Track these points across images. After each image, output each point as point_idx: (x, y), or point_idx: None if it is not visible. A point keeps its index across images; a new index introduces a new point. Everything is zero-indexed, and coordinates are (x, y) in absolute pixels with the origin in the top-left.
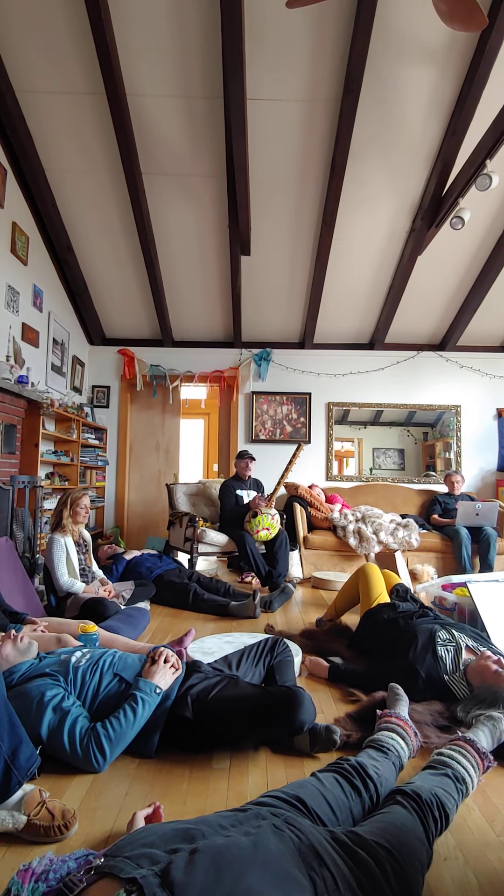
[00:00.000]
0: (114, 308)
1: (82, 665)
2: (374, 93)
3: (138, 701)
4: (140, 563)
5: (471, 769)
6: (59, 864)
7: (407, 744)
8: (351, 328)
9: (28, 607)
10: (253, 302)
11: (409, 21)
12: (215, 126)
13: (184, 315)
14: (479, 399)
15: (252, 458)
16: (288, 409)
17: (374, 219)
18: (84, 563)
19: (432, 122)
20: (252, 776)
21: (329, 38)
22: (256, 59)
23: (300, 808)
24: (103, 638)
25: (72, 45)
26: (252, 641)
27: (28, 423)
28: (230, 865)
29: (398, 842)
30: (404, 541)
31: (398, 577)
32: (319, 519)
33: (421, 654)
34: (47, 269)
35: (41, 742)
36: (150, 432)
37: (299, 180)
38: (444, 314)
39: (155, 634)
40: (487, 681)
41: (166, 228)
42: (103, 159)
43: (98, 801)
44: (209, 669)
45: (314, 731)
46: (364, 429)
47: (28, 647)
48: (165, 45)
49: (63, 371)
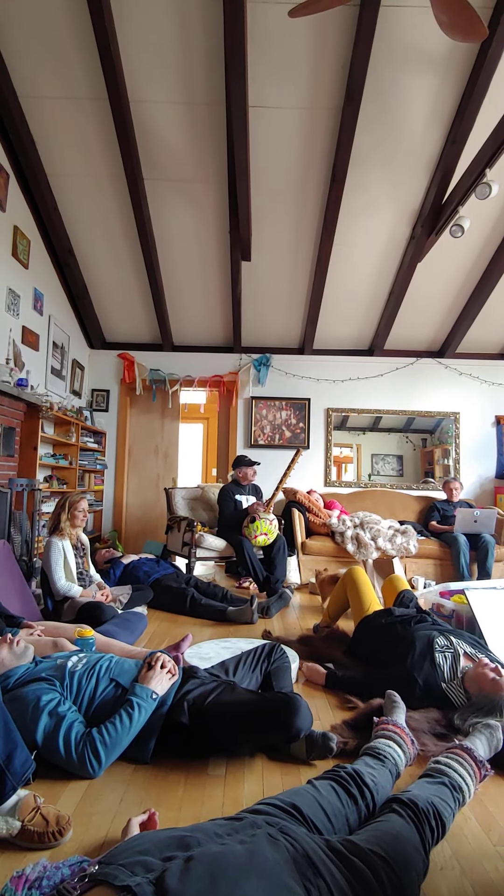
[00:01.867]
0: (114, 312)
1: (78, 670)
2: (376, 101)
3: (134, 706)
4: (138, 567)
5: (468, 778)
6: (53, 871)
7: (404, 752)
8: (350, 334)
9: (25, 611)
10: (253, 307)
11: (411, 31)
12: (217, 132)
13: (184, 319)
14: (477, 406)
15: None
16: (287, 415)
17: (374, 226)
18: (82, 567)
19: (433, 130)
20: (248, 783)
21: (331, 47)
22: (259, 66)
23: (296, 815)
24: (100, 642)
25: (75, 51)
26: (249, 647)
27: (27, 426)
28: (225, 874)
29: (394, 851)
30: (402, 547)
31: (405, 583)
32: (318, 525)
33: (419, 661)
34: (48, 273)
35: (36, 747)
36: (149, 436)
37: (300, 187)
38: (444, 321)
39: (152, 639)
40: (485, 689)
41: (167, 233)
42: (105, 164)
43: (93, 806)
44: (206, 675)
45: (311, 738)
46: (363, 435)
47: (24, 651)
48: (168, 51)
49: (63, 374)
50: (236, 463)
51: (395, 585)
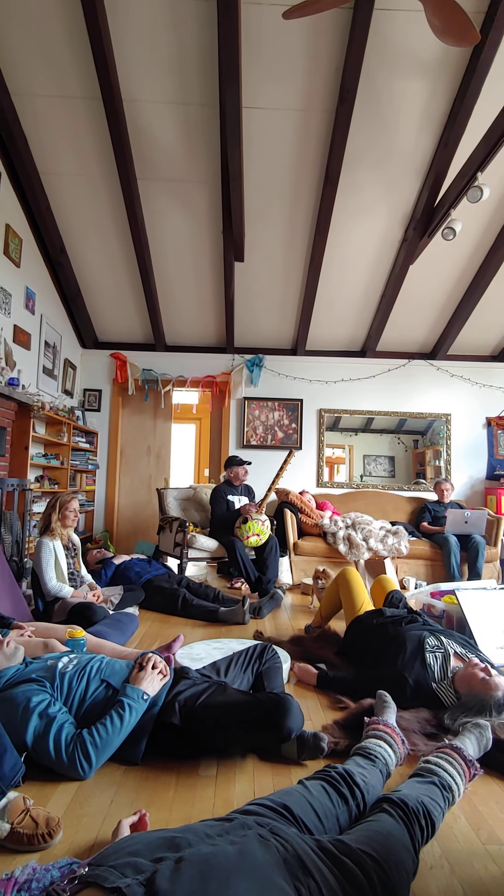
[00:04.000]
0: (107, 311)
1: (69, 671)
2: (369, 104)
3: (125, 707)
4: (129, 567)
5: (457, 777)
6: (43, 874)
7: (394, 751)
8: (343, 336)
9: (15, 612)
10: (246, 308)
11: (404, 35)
12: (211, 133)
13: (177, 320)
14: (469, 408)
15: (244, 464)
16: (279, 416)
17: (367, 228)
18: (72, 568)
19: (425, 133)
20: (239, 783)
21: (324, 49)
22: (253, 68)
23: (287, 816)
24: (91, 643)
25: (68, 50)
26: (241, 647)
27: (18, 425)
28: (216, 874)
29: (384, 850)
30: (394, 548)
31: (394, 584)
32: (310, 525)
33: (409, 662)
34: (40, 272)
35: (26, 749)
36: (141, 436)
37: (293, 188)
38: (436, 323)
39: (143, 640)
40: (475, 689)
41: (160, 233)
42: (98, 163)
43: (83, 808)
44: (197, 676)
45: (302, 739)
46: (355, 436)
47: (14, 652)
48: (162, 51)
49: (55, 374)
50: (227, 463)
51: (384, 586)
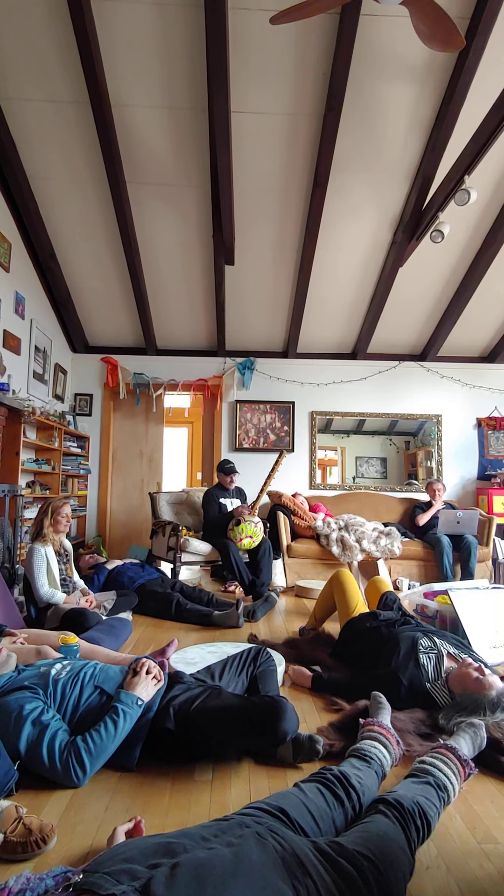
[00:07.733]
0: (97, 316)
1: (62, 677)
2: (357, 108)
3: (119, 713)
4: (122, 572)
5: (452, 777)
6: (37, 883)
7: (389, 752)
8: (334, 338)
9: (7, 619)
10: (237, 311)
11: (391, 40)
12: (200, 137)
13: (168, 323)
14: (459, 409)
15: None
16: (271, 418)
17: (356, 231)
18: (65, 574)
19: (413, 137)
20: (235, 787)
21: (312, 54)
22: (241, 72)
23: (283, 819)
24: (84, 649)
25: (57, 54)
26: (235, 651)
27: (9, 431)
28: (212, 879)
29: (380, 851)
30: (387, 549)
31: (388, 585)
32: (303, 527)
33: (403, 662)
34: (30, 277)
35: (19, 757)
36: (133, 441)
37: (283, 192)
38: (425, 325)
39: (137, 645)
40: (469, 688)
41: (150, 237)
42: (87, 168)
43: (78, 815)
44: (192, 680)
45: (297, 741)
46: (347, 437)
47: (6, 659)
48: (151, 56)
49: (45, 379)
50: (219, 467)
51: (378, 587)
